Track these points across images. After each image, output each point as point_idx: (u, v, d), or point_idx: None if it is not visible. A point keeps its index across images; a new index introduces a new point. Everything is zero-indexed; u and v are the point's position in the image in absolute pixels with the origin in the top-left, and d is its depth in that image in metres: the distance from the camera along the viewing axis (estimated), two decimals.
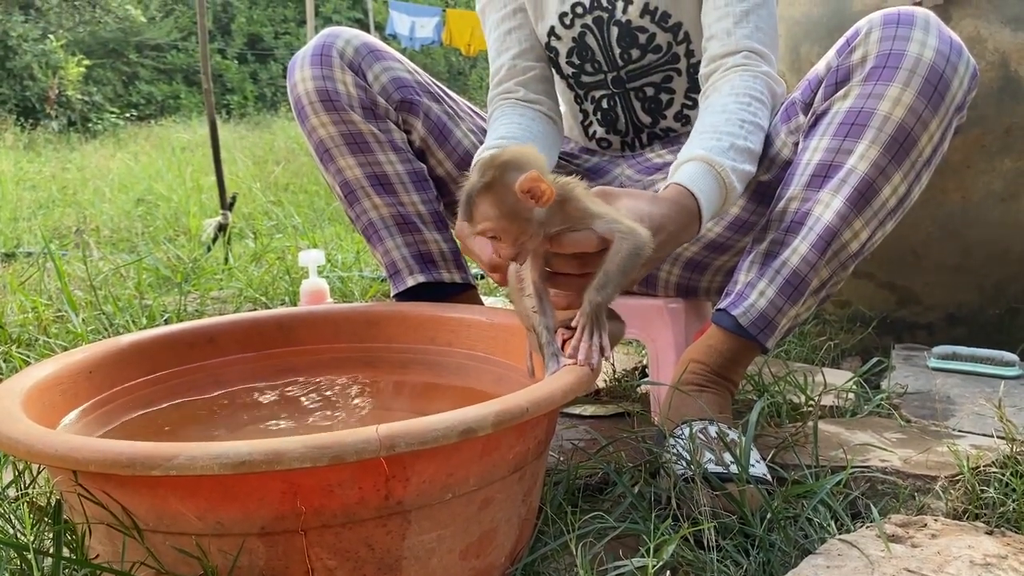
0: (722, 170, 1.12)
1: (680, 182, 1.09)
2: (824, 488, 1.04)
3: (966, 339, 1.78)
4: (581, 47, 1.42)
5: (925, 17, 1.13)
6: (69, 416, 1.01)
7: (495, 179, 0.90)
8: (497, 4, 1.46)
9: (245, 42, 17.76)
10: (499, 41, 1.46)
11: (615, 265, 0.93)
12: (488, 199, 0.91)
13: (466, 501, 0.83)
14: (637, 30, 1.38)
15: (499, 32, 1.46)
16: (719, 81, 1.26)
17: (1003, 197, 1.67)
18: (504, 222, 0.91)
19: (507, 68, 1.44)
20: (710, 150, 1.13)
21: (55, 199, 5.30)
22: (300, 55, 1.36)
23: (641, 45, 1.39)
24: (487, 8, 1.48)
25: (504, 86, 1.44)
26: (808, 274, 1.16)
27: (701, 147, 1.14)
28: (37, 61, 12.72)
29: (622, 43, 1.39)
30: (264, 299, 2.38)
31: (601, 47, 1.41)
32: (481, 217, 0.92)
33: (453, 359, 1.26)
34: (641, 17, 1.36)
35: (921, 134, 1.12)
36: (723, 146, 1.14)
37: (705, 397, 1.18)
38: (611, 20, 1.38)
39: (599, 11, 1.38)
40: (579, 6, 1.39)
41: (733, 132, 1.17)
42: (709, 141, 1.15)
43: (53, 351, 1.75)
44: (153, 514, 0.77)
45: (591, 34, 1.40)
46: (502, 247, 0.93)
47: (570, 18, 1.40)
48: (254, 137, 9.44)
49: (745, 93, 1.23)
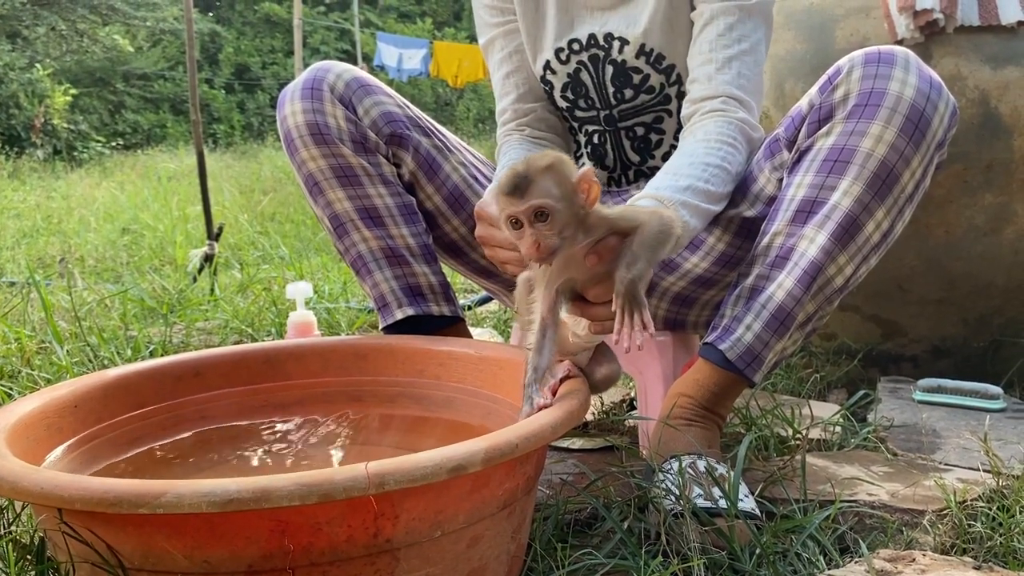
0: (671, 206, 1.12)
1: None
2: (813, 523, 1.04)
3: (951, 371, 1.79)
4: (576, 83, 1.44)
5: (905, 56, 1.15)
6: (54, 452, 1.00)
7: (555, 162, 0.92)
8: (497, 45, 1.49)
9: (233, 72, 17.85)
10: (500, 84, 1.51)
11: (643, 239, 0.94)
12: (549, 178, 0.91)
13: (455, 538, 0.83)
14: (632, 70, 1.40)
15: (500, 75, 1.51)
16: (695, 125, 1.29)
17: (985, 231, 1.69)
18: (561, 203, 0.91)
19: (511, 111, 1.50)
20: (664, 188, 1.15)
21: (39, 228, 5.28)
22: (291, 88, 1.36)
23: (635, 85, 1.41)
24: (488, 48, 1.52)
25: (508, 127, 1.51)
26: (794, 308, 1.16)
27: (655, 185, 1.16)
28: (23, 90, 12.73)
29: (616, 82, 1.41)
30: (250, 331, 2.36)
31: (595, 84, 1.43)
32: (540, 193, 0.91)
33: (442, 392, 1.26)
34: (636, 58, 1.39)
35: (903, 170, 1.14)
36: (680, 185, 1.16)
37: (693, 431, 1.18)
38: (607, 59, 1.40)
39: (595, 49, 1.40)
40: (576, 43, 1.41)
41: (694, 174, 1.19)
42: (667, 180, 1.17)
43: (37, 383, 1.73)
44: (139, 553, 0.76)
45: (586, 71, 1.42)
46: (546, 234, 0.91)
47: (566, 54, 1.42)
48: (241, 166, 9.45)
49: (716, 139, 1.25)
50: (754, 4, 1.32)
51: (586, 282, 0.98)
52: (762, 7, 1.33)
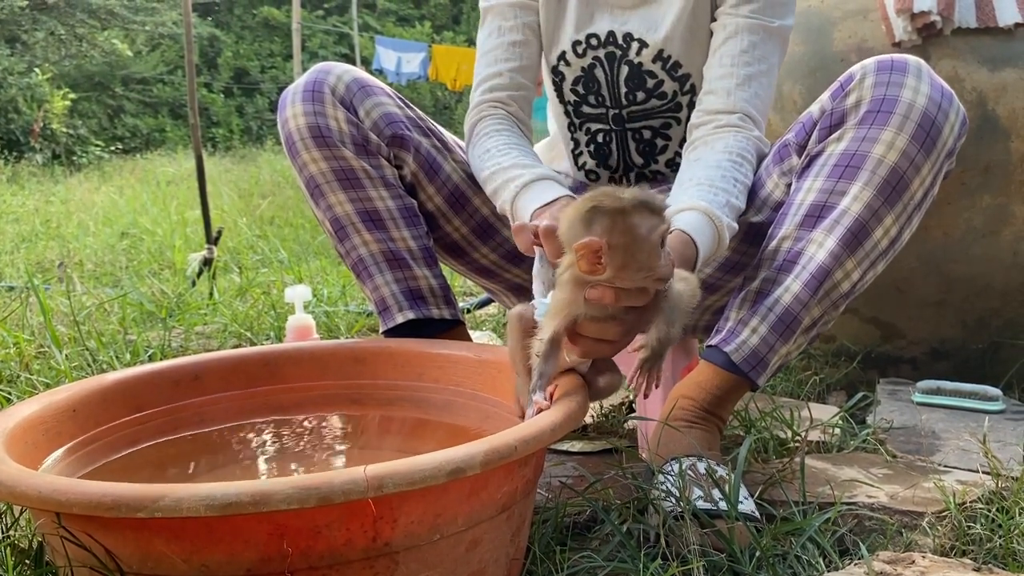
0: (720, 224, 1.15)
1: (685, 230, 1.11)
2: (812, 525, 1.04)
3: (950, 373, 1.79)
4: (588, 78, 1.44)
5: (918, 65, 1.16)
6: (52, 456, 1.00)
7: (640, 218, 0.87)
8: (508, 13, 1.44)
9: (231, 76, 17.85)
10: (501, 48, 1.44)
11: (684, 305, 0.95)
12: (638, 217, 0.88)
13: (454, 542, 0.83)
14: (647, 74, 1.40)
15: (503, 40, 1.44)
16: (711, 136, 1.29)
17: (984, 233, 1.69)
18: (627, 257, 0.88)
19: (507, 78, 1.43)
20: (711, 203, 1.16)
21: (38, 232, 5.27)
22: (291, 91, 1.36)
23: (648, 89, 1.41)
24: (492, 11, 1.46)
25: (497, 94, 1.43)
26: (800, 312, 1.17)
27: (702, 199, 1.17)
28: (22, 94, 12.71)
29: (630, 83, 1.41)
30: (249, 335, 2.36)
31: (608, 82, 1.42)
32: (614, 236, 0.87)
33: (441, 396, 1.25)
34: (653, 62, 1.39)
35: (913, 178, 1.14)
36: (720, 201, 1.18)
37: (694, 433, 1.18)
38: (623, 59, 1.40)
39: (613, 47, 1.40)
40: (594, 38, 1.41)
41: (728, 189, 1.20)
42: (708, 194, 1.18)
43: (35, 387, 1.73)
44: (137, 557, 0.76)
45: (601, 67, 1.42)
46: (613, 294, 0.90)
47: (583, 48, 1.42)
48: (239, 170, 9.44)
49: (738, 153, 1.27)
50: (777, 27, 1.33)
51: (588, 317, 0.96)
52: (782, 32, 1.34)
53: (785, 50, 1.37)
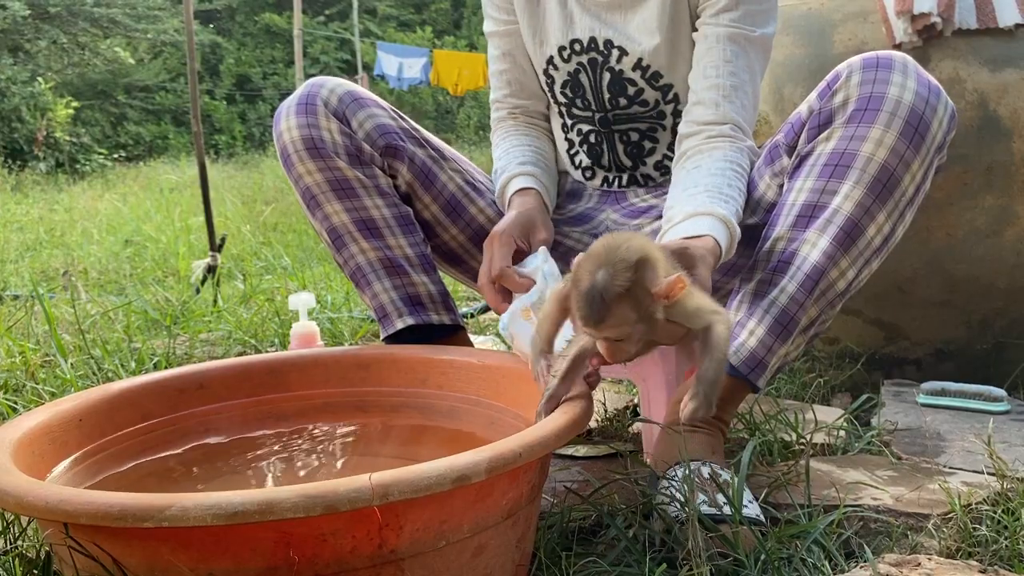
0: (735, 233, 1.18)
1: (716, 237, 1.14)
2: (818, 528, 1.04)
3: (954, 374, 1.79)
4: (575, 83, 1.45)
5: (903, 61, 1.16)
6: (60, 466, 1.01)
7: (635, 283, 0.87)
8: (494, 42, 1.53)
9: (234, 83, 17.90)
10: (496, 77, 1.56)
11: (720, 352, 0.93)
12: (627, 304, 0.88)
13: (460, 548, 0.83)
14: (628, 81, 1.40)
15: (495, 68, 1.55)
16: (706, 146, 1.30)
17: (986, 233, 1.69)
18: (639, 325, 0.90)
19: (505, 103, 1.56)
20: (729, 213, 1.18)
21: (43, 241, 5.28)
22: (285, 105, 1.38)
23: (629, 96, 1.42)
24: (489, 38, 1.55)
25: (502, 112, 1.56)
26: (797, 313, 1.17)
27: (722, 208, 1.19)
28: (26, 103, 12.75)
29: (612, 89, 1.42)
30: (254, 342, 2.37)
31: (592, 87, 1.43)
32: (617, 322, 0.89)
33: (444, 402, 1.26)
34: (633, 71, 1.39)
35: (904, 174, 1.14)
36: (732, 210, 1.20)
37: (697, 438, 1.18)
38: (604, 65, 1.41)
39: (595, 53, 1.41)
40: (577, 43, 1.42)
41: (735, 198, 1.23)
42: (722, 203, 1.20)
43: (41, 397, 1.73)
44: (145, 566, 0.76)
45: (585, 73, 1.43)
46: (621, 347, 0.91)
47: (568, 53, 1.44)
48: (242, 176, 9.46)
49: (738, 163, 1.28)
50: (758, 36, 1.33)
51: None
52: (764, 40, 1.35)
53: (768, 58, 1.38)
